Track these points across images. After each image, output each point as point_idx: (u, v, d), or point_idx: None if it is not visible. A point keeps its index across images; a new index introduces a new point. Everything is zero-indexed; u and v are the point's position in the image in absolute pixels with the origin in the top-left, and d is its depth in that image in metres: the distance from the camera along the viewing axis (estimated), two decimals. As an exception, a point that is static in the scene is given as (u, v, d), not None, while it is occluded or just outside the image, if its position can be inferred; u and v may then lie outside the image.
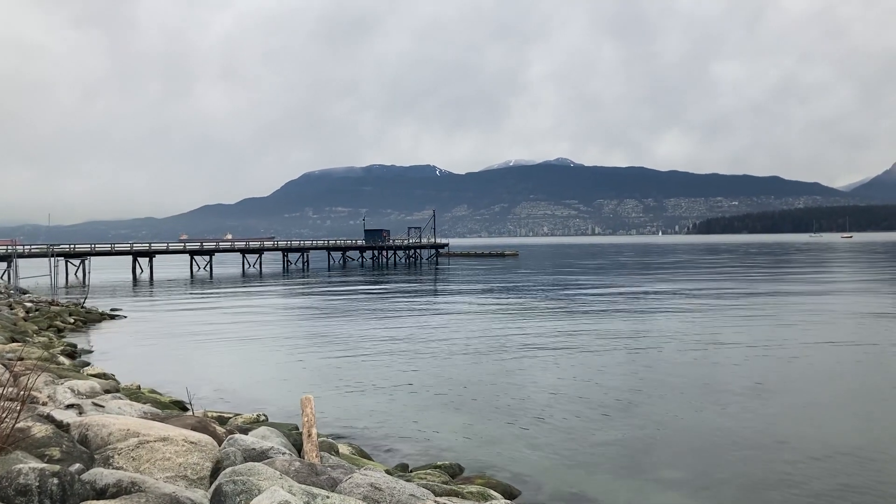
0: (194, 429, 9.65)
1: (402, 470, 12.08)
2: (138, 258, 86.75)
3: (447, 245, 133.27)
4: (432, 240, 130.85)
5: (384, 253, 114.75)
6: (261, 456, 9.42)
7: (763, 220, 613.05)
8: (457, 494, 9.43)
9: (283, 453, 9.77)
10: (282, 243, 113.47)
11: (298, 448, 11.12)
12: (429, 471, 11.72)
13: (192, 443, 8.51)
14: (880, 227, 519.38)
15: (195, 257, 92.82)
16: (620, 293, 49.27)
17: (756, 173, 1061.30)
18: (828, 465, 12.70)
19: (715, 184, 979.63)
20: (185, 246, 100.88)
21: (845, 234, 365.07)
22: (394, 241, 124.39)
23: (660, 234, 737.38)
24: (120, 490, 6.99)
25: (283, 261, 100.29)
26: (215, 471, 8.44)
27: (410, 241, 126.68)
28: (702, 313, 35.90)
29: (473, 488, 10.33)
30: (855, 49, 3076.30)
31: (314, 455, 9.65)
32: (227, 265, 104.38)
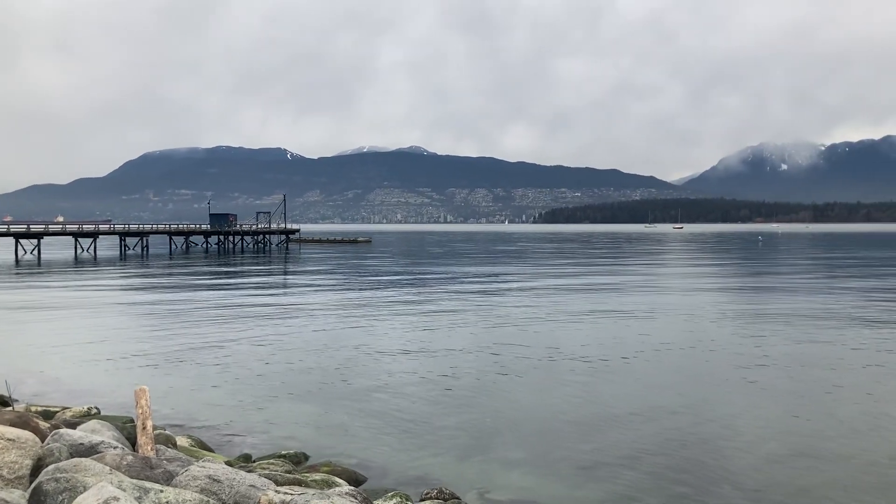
0: (13, 424, 8.97)
1: (245, 460, 11.78)
2: (-47, 241, 79.23)
3: (298, 231, 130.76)
4: (283, 225, 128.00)
5: (231, 238, 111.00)
6: (89, 451, 8.90)
7: (603, 210, 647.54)
8: (300, 483, 9.31)
9: (115, 447, 9.29)
10: (119, 227, 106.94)
11: (133, 442, 10.60)
12: (272, 460, 11.49)
13: (9, 440, 7.89)
14: (708, 219, 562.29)
15: (21, 241, 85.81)
16: (468, 279, 50.37)
17: (597, 166, 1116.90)
18: (656, 439, 13.60)
19: (559, 175, 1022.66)
20: (9, 228, 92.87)
21: (677, 225, 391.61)
22: (241, 225, 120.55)
23: (506, 223, 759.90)
24: (-79, 494, 6.37)
25: (121, 245, 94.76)
26: (36, 469, 7.89)
27: (259, 226, 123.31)
28: (544, 298, 37.36)
29: (318, 476, 10.24)
30: (683, 53, 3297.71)
31: (149, 448, 9.21)
32: (58, 250, 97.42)
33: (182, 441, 12.37)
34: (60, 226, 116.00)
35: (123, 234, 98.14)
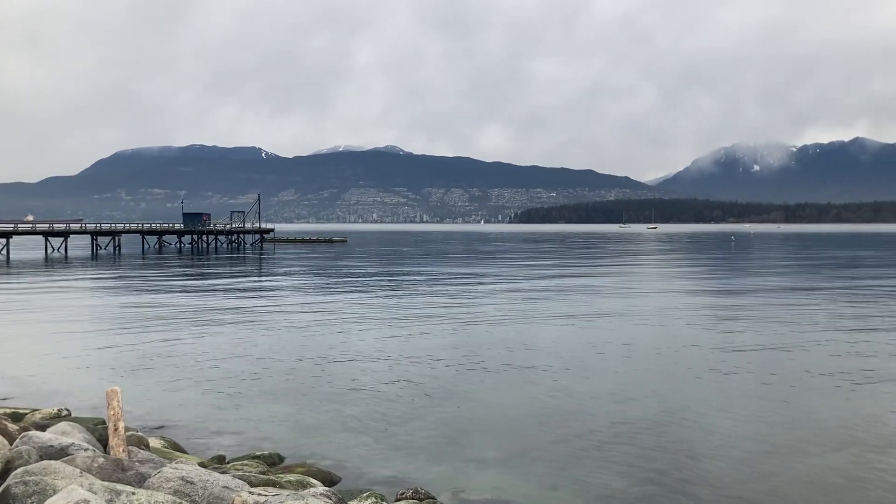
0: (-19, 427, 8.82)
1: (219, 462, 11.70)
2: (-80, 240, 77.68)
3: (273, 230, 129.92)
4: (257, 225, 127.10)
5: (204, 238, 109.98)
6: (60, 453, 8.80)
7: (578, 210, 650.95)
8: (274, 484, 9.26)
9: (86, 449, 9.18)
10: (90, 226, 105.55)
11: (104, 444, 10.49)
12: (246, 461, 11.42)
13: (-23, 443, 7.77)
14: (681, 220, 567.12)
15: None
16: (444, 279, 50.40)
17: (572, 167, 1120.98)
18: (631, 438, 13.71)
19: (535, 176, 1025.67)
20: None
21: (651, 225, 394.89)
22: (215, 225, 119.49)
23: (482, 222, 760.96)
24: None
25: (93, 245, 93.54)
26: (5, 472, 7.77)
27: (233, 225, 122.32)
28: (520, 298, 37.47)
29: (292, 477, 10.19)
30: (657, 54, 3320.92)
31: (121, 450, 9.11)
32: (28, 249, 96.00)
33: (155, 442, 12.25)
34: (30, 225, 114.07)
35: (95, 234, 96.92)
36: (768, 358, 21.47)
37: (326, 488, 9.32)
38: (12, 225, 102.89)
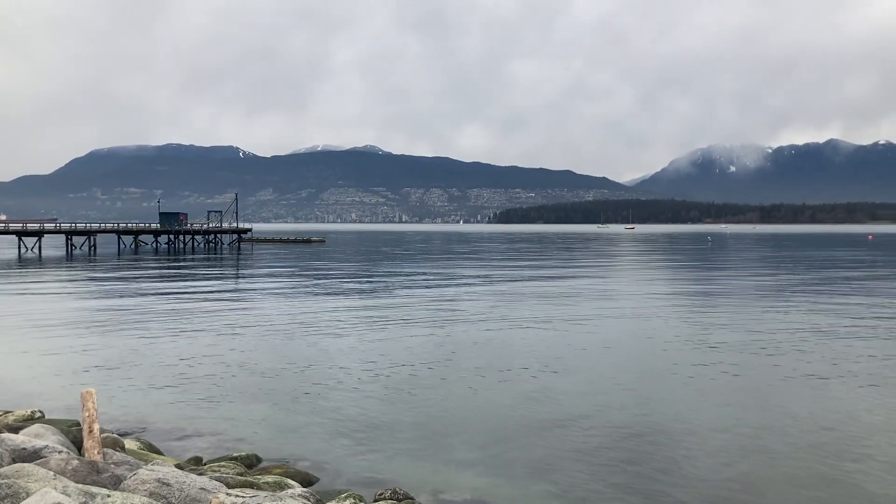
0: (-48, 430, 8.69)
1: (196, 463, 11.60)
2: None
3: (250, 230, 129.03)
4: (234, 224, 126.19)
5: (181, 238, 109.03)
6: (33, 456, 8.69)
7: (557, 211, 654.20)
8: (252, 485, 9.21)
9: (60, 452, 9.07)
10: (65, 226, 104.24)
11: (79, 446, 10.36)
12: (223, 463, 11.34)
13: (-52, 445, 7.64)
14: (658, 220, 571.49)
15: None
16: (423, 280, 50.38)
17: (550, 167, 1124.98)
18: (609, 437, 13.79)
19: (514, 176, 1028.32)
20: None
21: (629, 226, 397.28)
22: (192, 224, 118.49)
23: (461, 223, 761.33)
24: None
25: (67, 245, 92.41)
26: (-23, 475, 7.63)
27: (210, 225, 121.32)
28: (499, 299, 37.55)
29: (270, 478, 10.14)
30: (634, 56, 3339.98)
31: (96, 452, 9.01)
32: (1, 249, 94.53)
33: (130, 444, 12.13)
34: (3, 224, 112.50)
35: (70, 233, 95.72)
36: (744, 357, 21.67)
37: (304, 489, 9.29)
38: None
